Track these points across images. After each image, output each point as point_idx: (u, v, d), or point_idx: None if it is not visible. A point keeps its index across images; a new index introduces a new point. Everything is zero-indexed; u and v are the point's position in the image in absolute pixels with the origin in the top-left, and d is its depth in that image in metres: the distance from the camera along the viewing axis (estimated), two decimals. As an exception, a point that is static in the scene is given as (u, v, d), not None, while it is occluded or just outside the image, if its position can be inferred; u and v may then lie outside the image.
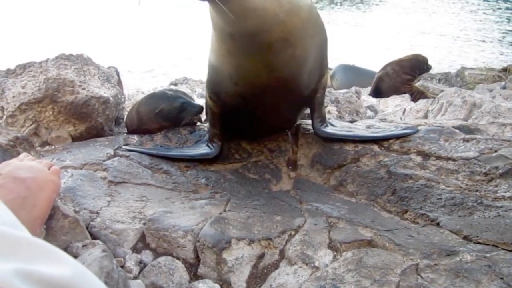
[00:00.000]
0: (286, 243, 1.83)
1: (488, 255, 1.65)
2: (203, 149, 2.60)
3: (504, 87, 6.88)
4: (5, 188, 1.46)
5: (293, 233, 1.89)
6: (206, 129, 2.92)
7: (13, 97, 2.85)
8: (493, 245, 1.73)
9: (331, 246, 1.80)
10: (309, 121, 2.69)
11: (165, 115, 2.86)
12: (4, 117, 2.84)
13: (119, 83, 3.45)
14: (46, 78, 2.84)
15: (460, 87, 6.01)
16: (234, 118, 2.56)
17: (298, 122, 2.82)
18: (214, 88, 2.58)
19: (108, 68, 3.39)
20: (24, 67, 3.04)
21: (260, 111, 2.54)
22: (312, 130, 2.63)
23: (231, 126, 2.63)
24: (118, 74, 3.48)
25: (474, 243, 1.76)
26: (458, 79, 9.73)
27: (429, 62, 7.61)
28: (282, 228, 1.90)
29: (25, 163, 1.66)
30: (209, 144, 2.60)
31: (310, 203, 2.17)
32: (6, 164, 1.62)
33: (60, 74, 2.88)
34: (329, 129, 2.62)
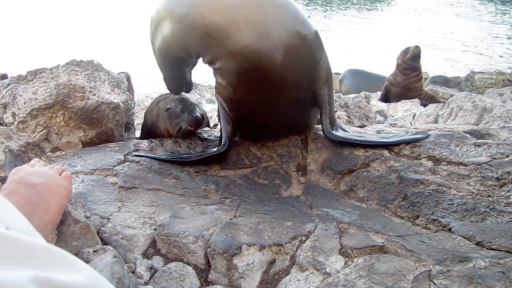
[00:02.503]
0: (297, 249, 1.82)
1: (501, 261, 1.63)
2: (211, 149, 2.63)
3: (514, 91, 6.83)
4: (17, 194, 1.47)
5: (303, 238, 1.88)
6: (216, 134, 2.92)
7: (24, 103, 2.87)
8: (507, 251, 1.70)
9: (342, 252, 1.79)
10: (319, 126, 2.68)
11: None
12: (16, 122, 2.86)
13: (130, 88, 3.47)
14: (57, 84, 2.86)
15: (470, 92, 5.98)
16: (244, 114, 2.57)
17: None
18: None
19: (118, 74, 3.41)
20: (35, 73, 3.06)
21: (259, 107, 2.53)
22: (323, 135, 2.61)
23: (243, 128, 2.64)
24: (128, 79, 3.50)
25: (487, 249, 1.74)
26: (468, 83, 9.70)
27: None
28: (292, 234, 1.89)
29: (36, 169, 1.67)
30: (218, 144, 2.62)
31: (320, 208, 2.16)
32: (17, 169, 1.64)
33: (71, 80, 2.90)
34: (340, 133, 2.60)
